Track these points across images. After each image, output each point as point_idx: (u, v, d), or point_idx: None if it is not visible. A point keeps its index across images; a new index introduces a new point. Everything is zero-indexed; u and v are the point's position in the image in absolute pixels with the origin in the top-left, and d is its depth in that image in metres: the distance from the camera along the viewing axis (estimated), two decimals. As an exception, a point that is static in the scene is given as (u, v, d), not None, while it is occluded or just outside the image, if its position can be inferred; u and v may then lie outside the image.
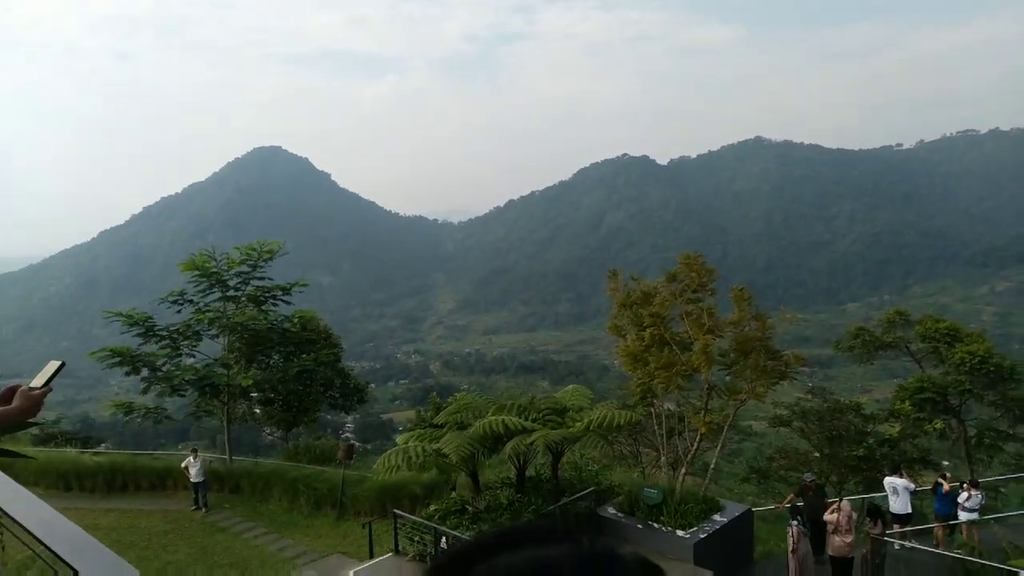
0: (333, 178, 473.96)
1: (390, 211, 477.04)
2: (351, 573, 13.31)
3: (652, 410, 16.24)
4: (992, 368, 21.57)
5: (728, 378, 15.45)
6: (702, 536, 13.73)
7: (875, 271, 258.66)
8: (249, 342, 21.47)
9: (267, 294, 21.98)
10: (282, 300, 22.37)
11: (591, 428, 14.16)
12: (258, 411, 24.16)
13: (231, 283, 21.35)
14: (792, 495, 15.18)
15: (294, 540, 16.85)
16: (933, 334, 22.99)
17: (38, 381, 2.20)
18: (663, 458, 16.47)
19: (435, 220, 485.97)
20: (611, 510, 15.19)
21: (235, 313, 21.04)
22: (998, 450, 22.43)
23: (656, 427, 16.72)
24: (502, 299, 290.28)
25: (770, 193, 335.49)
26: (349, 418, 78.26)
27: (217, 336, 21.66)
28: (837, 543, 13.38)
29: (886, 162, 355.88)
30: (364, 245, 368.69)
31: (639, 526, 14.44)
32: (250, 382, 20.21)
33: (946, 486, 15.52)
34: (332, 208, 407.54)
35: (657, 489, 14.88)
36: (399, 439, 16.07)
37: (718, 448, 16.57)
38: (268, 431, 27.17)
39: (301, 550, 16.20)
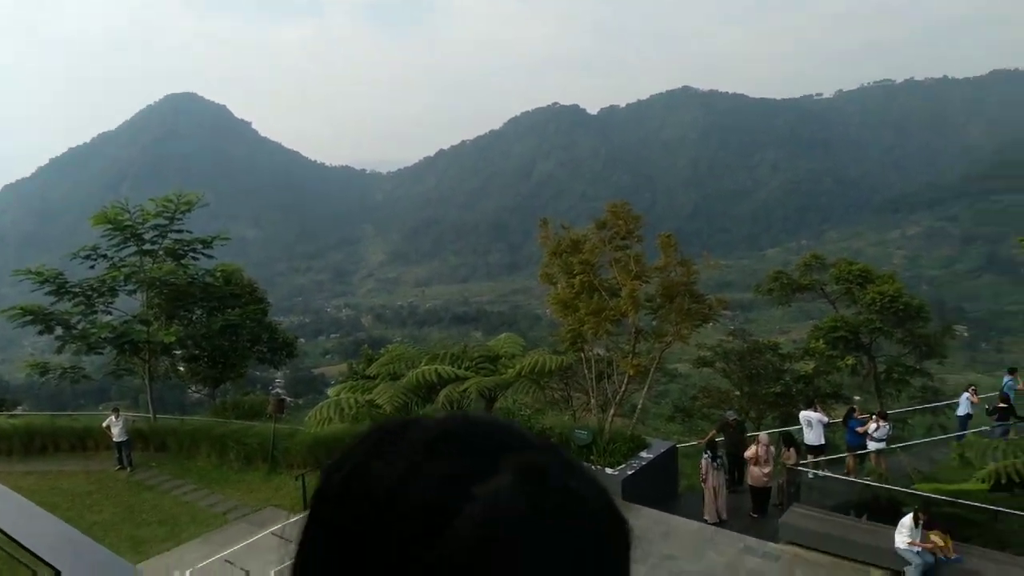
0: (254, 127, 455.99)
1: (315, 161, 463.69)
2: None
3: (582, 355, 16.61)
4: (901, 307, 22.72)
5: (654, 322, 15.92)
6: (629, 472, 14.30)
7: (794, 217, 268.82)
8: (169, 297, 20.65)
9: (186, 248, 21.11)
10: (203, 254, 21.51)
11: (523, 374, 14.43)
12: (182, 368, 23.39)
13: (147, 236, 20.39)
14: (713, 431, 15.88)
15: (225, 495, 16.62)
16: (847, 276, 24.03)
17: None
18: (593, 401, 16.95)
19: (363, 171, 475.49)
20: (543, 453, 15.57)
21: (152, 268, 20.17)
22: (906, 384, 23.77)
23: (586, 372, 17.14)
24: (433, 250, 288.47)
25: (697, 142, 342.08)
26: (279, 373, 76.97)
27: (135, 292, 20.75)
28: (756, 474, 14.19)
29: (806, 111, 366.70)
30: (289, 197, 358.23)
31: (570, 467, 14.88)
32: (172, 339, 19.54)
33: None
34: (253, 158, 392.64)
35: (587, 430, 15.35)
36: (331, 391, 16.00)
37: (645, 389, 17.17)
38: (194, 389, 26.47)
39: (232, 505, 16.02)
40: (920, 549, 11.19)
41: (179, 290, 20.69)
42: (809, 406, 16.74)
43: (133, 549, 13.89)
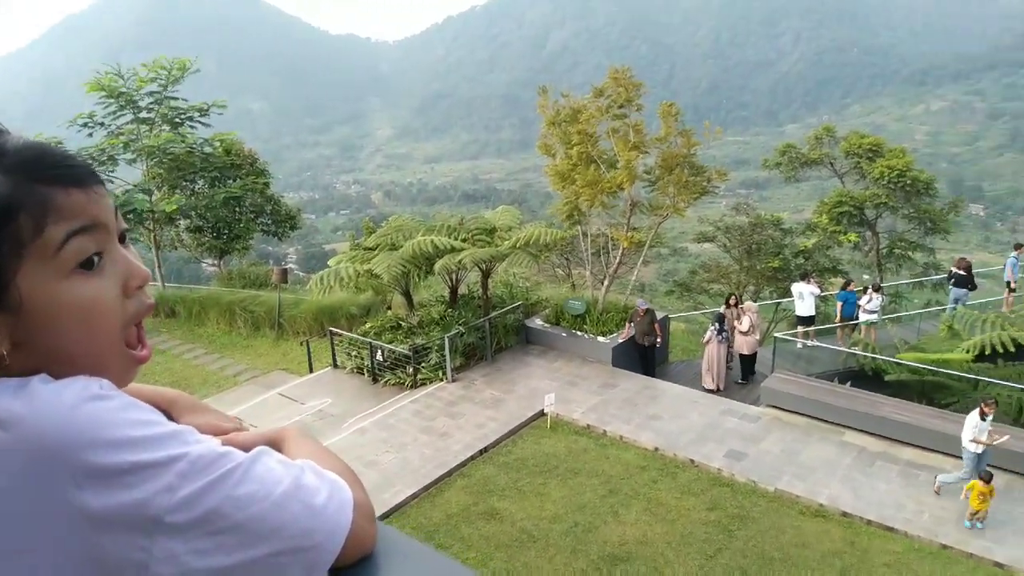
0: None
1: (318, 28, 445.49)
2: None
3: (580, 229, 16.67)
4: (909, 182, 22.40)
5: (653, 195, 15.84)
6: (620, 341, 14.75)
7: (816, 91, 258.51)
8: (169, 167, 20.58)
9: (183, 116, 20.82)
10: (200, 123, 21.25)
11: (518, 246, 14.56)
12: (185, 238, 23.69)
13: (142, 104, 20.09)
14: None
15: (235, 359, 17.35)
16: (857, 150, 23.53)
17: None
18: (589, 274, 17.20)
19: (368, 39, 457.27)
20: (538, 321, 16.05)
21: (151, 136, 20.01)
22: (907, 259, 23.87)
23: (584, 246, 17.28)
24: (443, 125, 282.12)
25: (719, 9, 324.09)
26: (291, 249, 78.00)
27: (135, 161, 20.70)
28: (750, 342, 14.62)
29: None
30: (291, 66, 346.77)
31: (563, 334, 15.39)
32: (174, 207, 19.68)
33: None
34: (255, 25, 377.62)
35: (581, 301, 15.70)
36: (331, 261, 16.26)
37: (639, 262, 17.36)
38: (209, 262, 26.84)
39: (242, 368, 16.76)
40: (983, 449, 9.91)
41: (179, 160, 20.59)
42: (803, 279, 16.96)
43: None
